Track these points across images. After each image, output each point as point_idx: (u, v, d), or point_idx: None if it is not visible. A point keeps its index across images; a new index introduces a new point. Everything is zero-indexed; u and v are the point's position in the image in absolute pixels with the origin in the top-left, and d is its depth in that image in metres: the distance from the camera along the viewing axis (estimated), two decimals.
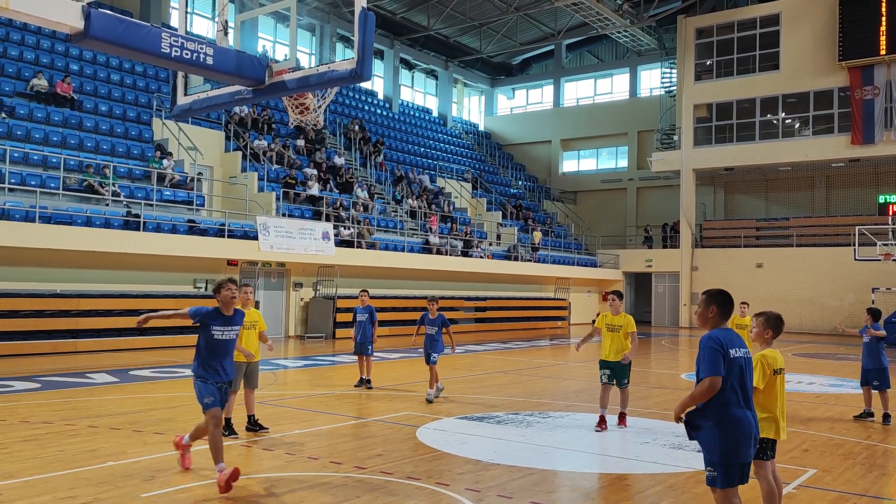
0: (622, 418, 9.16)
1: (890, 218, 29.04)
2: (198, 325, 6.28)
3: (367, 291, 12.44)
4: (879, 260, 26.18)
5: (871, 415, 10.12)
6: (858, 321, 28.07)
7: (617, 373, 9.00)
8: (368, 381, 12.03)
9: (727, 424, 4.37)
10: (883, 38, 29.43)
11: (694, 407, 4.48)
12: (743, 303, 12.91)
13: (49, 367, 13.81)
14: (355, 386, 12.07)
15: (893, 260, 25.62)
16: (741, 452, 4.38)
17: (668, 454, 7.76)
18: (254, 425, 8.30)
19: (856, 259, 27.22)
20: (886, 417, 9.89)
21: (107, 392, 11.11)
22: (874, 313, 10.19)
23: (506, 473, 6.82)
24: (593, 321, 9.56)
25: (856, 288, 30.05)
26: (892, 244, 26.61)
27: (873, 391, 10.11)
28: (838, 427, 9.62)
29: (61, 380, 12.26)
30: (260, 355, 8.40)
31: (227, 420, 8.04)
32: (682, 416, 4.52)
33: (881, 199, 32.23)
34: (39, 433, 8.02)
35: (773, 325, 5.29)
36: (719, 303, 4.59)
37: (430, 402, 10.61)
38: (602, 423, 8.94)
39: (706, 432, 4.43)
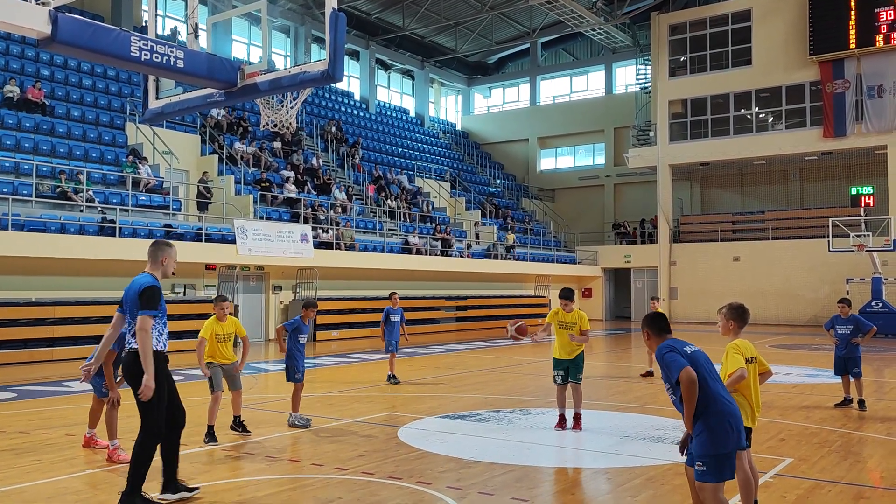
0: (577, 420, 8.78)
1: (862, 209, 29.47)
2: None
3: (396, 293, 13.49)
4: (853, 251, 26.55)
5: (851, 401, 10.51)
6: (832, 313, 28.52)
7: (570, 370, 8.77)
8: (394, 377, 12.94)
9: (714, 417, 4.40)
10: (853, 32, 29.83)
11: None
12: (653, 298, 13.84)
13: (25, 377, 13.63)
14: (390, 383, 12.75)
15: (867, 251, 26.00)
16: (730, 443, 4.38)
17: (647, 447, 7.83)
18: (238, 426, 8.39)
19: (830, 251, 27.57)
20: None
21: (84, 400, 10.96)
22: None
23: (487, 471, 6.85)
24: (545, 318, 9.51)
25: (830, 279, 30.44)
26: (864, 235, 26.99)
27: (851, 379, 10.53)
28: (814, 416, 9.77)
29: (38, 389, 12.12)
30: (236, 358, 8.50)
31: (210, 427, 8.01)
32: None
33: (853, 191, 32.65)
34: (16, 443, 7.93)
35: (734, 315, 5.30)
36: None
37: (291, 425, 8.89)
38: (562, 422, 8.78)
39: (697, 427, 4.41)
